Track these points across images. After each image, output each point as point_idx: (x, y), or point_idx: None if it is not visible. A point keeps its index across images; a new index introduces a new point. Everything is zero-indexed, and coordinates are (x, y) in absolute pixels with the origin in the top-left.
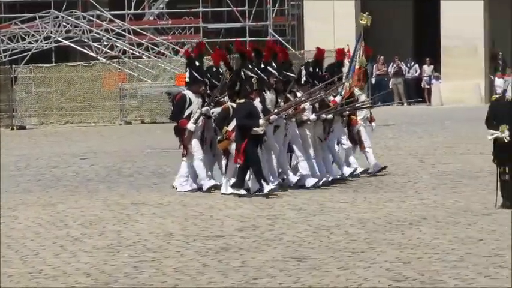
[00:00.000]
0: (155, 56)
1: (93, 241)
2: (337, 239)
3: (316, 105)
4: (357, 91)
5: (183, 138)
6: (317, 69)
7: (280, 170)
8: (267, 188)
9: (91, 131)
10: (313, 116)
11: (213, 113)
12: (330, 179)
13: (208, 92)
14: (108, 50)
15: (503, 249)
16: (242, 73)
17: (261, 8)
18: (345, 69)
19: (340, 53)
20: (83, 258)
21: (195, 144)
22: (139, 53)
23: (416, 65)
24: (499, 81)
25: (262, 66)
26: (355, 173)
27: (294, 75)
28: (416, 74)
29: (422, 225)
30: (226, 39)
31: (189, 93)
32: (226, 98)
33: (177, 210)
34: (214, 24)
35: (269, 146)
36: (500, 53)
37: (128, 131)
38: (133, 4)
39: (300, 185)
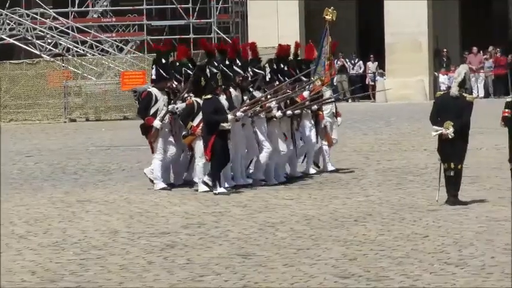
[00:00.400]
0: (99, 54)
1: (39, 239)
2: (283, 235)
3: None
4: (324, 87)
5: (149, 135)
6: (282, 65)
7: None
8: (218, 190)
9: (35, 129)
10: (279, 113)
11: (177, 108)
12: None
13: (177, 86)
14: (52, 48)
15: (448, 245)
16: (207, 69)
17: (204, 6)
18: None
19: (310, 51)
20: (28, 256)
21: (160, 143)
22: (83, 50)
23: (361, 62)
24: (443, 78)
25: (227, 63)
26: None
27: (261, 72)
28: (361, 71)
29: (368, 221)
30: (170, 37)
31: (154, 91)
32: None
33: (122, 208)
34: (158, 21)
35: (236, 144)
36: (445, 50)
37: (72, 129)
38: (77, 2)
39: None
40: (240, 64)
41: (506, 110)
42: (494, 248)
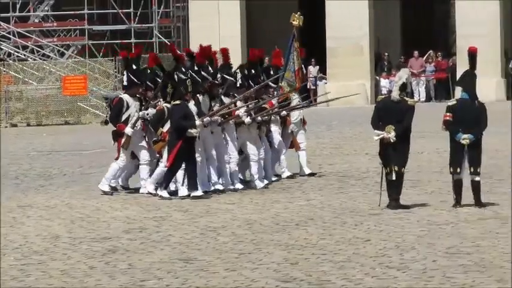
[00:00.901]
0: (40, 59)
1: None
2: (224, 240)
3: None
4: (293, 94)
5: (119, 142)
6: (252, 71)
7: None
8: (197, 193)
9: None
10: (248, 119)
11: (147, 114)
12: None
13: (142, 93)
14: None
15: (390, 249)
16: (176, 75)
17: (146, 10)
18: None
19: (277, 57)
20: None
21: (127, 152)
22: (24, 55)
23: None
24: (384, 82)
25: (196, 69)
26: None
27: (232, 79)
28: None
29: (309, 225)
30: (112, 41)
31: (126, 97)
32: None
33: (64, 213)
34: (99, 26)
35: (205, 150)
36: (386, 54)
37: (13, 134)
38: (18, 6)
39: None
40: (211, 71)
41: (448, 114)
42: (436, 251)
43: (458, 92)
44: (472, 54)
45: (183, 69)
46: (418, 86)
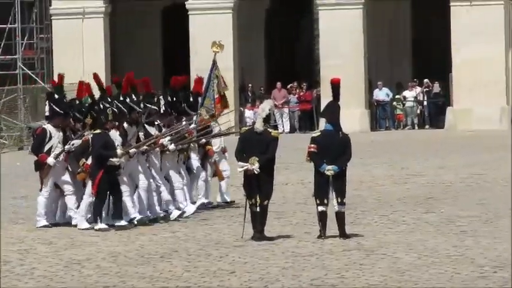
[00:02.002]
0: None
1: None
2: (89, 272)
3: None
4: (213, 122)
5: (41, 172)
6: (174, 98)
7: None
8: (98, 226)
9: None
10: (172, 146)
11: (73, 144)
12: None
13: (71, 125)
14: None
15: (254, 281)
16: (101, 105)
17: (10, 42)
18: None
19: (198, 83)
20: None
21: (50, 181)
22: None
23: (161, 97)
24: (248, 113)
25: (121, 98)
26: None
27: (155, 108)
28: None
29: (174, 258)
30: None
31: (49, 127)
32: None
33: None
34: None
35: (133, 179)
36: (250, 85)
37: None
38: None
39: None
40: (135, 99)
41: (312, 145)
42: (301, 283)
43: (323, 123)
44: (335, 85)
45: (109, 99)
46: (281, 118)
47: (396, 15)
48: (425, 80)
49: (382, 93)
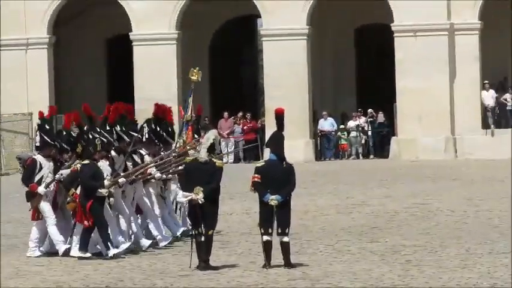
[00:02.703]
0: None
1: None
2: None
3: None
4: (191, 151)
5: (32, 202)
6: (157, 127)
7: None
8: (111, 252)
9: None
10: (158, 174)
11: (61, 174)
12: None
13: (58, 156)
14: None
15: None
16: (89, 135)
17: None
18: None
19: (165, 112)
20: None
21: (47, 209)
22: None
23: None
24: None
25: (108, 128)
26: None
27: (138, 135)
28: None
29: (119, 287)
30: None
31: (39, 158)
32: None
33: None
34: None
35: (118, 208)
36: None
37: None
38: None
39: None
40: (122, 129)
41: (256, 175)
42: None
43: (267, 153)
44: (279, 116)
45: (98, 129)
46: (226, 147)
47: (341, 46)
48: (370, 110)
49: (327, 124)
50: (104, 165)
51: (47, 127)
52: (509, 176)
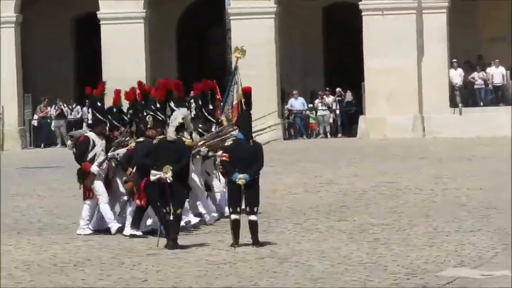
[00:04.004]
0: None
1: None
2: (3, 282)
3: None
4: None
5: (85, 181)
6: (201, 103)
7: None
8: (132, 232)
9: None
10: (211, 152)
11: (118, 154)
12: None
13: (108, 133)
14: None
15: None
16: (144, 112)
17: None
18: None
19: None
20: None
21: (99, 187)
22: None
23: (79, 107)
24: None
25: (158, 106)
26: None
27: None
28: (79, 116)
29: (87, 266)
30: None
31: (92, 135)
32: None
33: None
34: None
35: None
36: None
37: None
38: None
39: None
40: (172, 106)
41: (224, 154)
42: None
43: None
44: (246, 94)
45: (152, 107)
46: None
47: (309, 25)
48: (338, 89)
49: (298, 103)
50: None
51: (99, 104)
52: (479, 154)
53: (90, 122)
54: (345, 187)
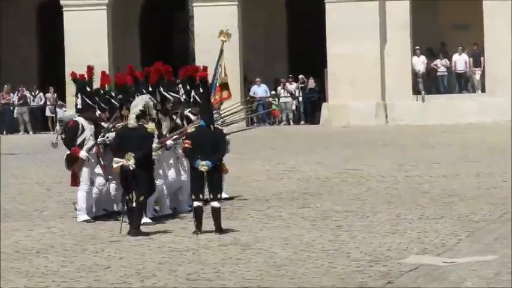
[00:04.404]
0: None
1: None
2: None
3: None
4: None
5: (74, 166)
6: (188, 88)
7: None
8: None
9: None
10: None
11: (107, 138)
12: None
13: (100, 115)
14: None
15: (130, 276)
16: (136, 97)
17: None
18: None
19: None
20: None
21: (85, 174)
22: None
23: (41, 94)
24: None
25: (150, 89)
26: None
27: (178, 96)
28: (41, 103)
29: (50, 253)
30: None
31: (81, 120)
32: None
33: None
34: None
35: (165, 173)
36: None
37: None
38: None
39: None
40: (162, 90)
41: (187, 141)
42: (177, 278)
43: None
44: (204, 81)
45: (143, 90)
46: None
47: (271, 13)
48: (301, 76)
49: (260, 90)
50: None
51: (88, 89)
52: (442, 142)
53: (79, 107)
54: (308, 174)
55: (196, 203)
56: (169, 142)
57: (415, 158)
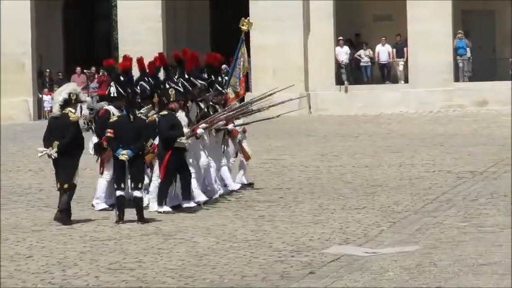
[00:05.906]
0: None
1: None
2: None
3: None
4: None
5: (102, 155)
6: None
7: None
8: (190, 204)
9: None
10: (231, 126)
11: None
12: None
13: (140, 101)
14: None
15: (52, 265)
16: (167, 85)
17: None
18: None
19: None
20: None
21: (111, 164)
22: None
23: None
24: (47, 98)
25: (186, 77)
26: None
27: (204, 84)
28: None
29: None
30: None
31: (112, 109)
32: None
33: None
34: None
35: (196, 158)
36: (48, 70)
37: None
38: None
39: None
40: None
41: (109, 130)
42: (99, 267)
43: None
44: (126, 70)
45: (175, 79)
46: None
47: (195, 2)
48: (224, 66)
49: None
50: (181, 115)
51: (122, 78)
52: (365, 132)
53: (112, 95)
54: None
55: (118, 192)
56: (199, 131)
57: (338, 148)
